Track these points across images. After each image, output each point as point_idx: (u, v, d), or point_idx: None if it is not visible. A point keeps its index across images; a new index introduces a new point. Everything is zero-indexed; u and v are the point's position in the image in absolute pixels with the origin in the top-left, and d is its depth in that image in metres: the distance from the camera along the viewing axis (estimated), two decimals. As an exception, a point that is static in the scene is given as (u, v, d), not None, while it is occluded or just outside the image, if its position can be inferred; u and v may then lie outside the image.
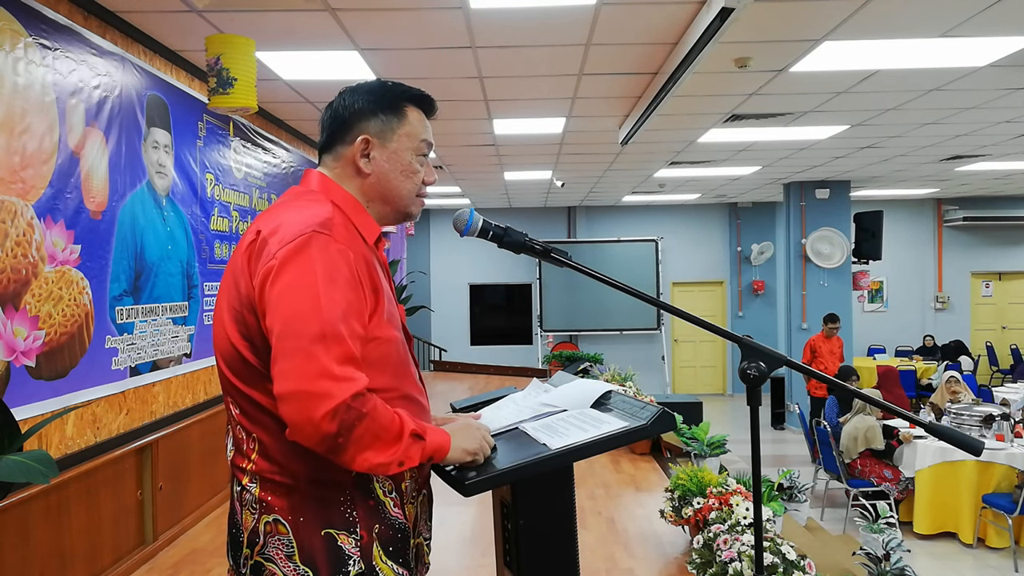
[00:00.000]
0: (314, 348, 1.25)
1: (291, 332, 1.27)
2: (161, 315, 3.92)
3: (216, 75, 3.61)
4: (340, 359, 1.26)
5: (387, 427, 1.29)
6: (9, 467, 2.13)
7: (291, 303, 1.28)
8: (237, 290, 1.37)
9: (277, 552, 1.33)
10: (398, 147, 1.49)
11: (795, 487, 3.35)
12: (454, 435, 1.39)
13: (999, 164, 8.89)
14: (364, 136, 1.47)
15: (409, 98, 1.52)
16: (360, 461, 1.27)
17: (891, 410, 1.38)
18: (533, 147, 7.40)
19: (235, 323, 1.37)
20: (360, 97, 1.49)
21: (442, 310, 13.14)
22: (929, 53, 4.46)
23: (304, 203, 1.42)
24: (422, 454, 1.33)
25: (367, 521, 1.36)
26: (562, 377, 1.81)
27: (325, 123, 1.52)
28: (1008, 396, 7.36)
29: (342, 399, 1.23)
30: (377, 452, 1.28)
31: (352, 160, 1.48)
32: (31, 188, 2.88)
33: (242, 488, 1.39)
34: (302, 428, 1.25)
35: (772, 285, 12.95)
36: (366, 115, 1.48)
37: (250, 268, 1.35)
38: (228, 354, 1.39)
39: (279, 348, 1.27)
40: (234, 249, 1.45)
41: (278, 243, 1.32)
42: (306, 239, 1.31)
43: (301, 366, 1.25)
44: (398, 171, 1.50)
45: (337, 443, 1.25)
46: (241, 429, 1.40)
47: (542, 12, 3.73)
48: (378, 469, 1.29)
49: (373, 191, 1.50)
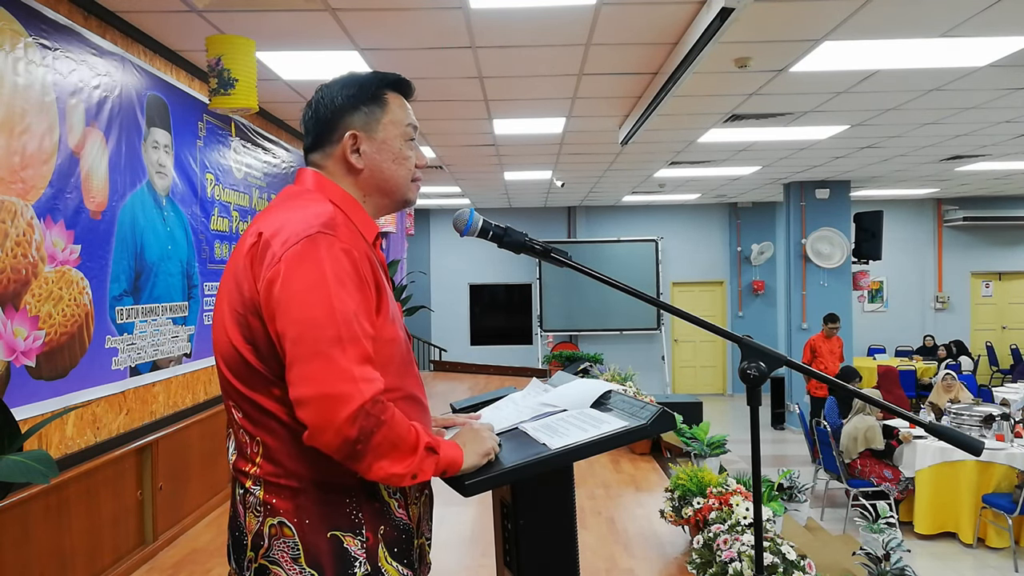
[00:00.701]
0: (332, 351, 1.24)
1: (307, 336, 1.25)
2: (161, 315, 3.92)
3: (217, 75, 3.61)
4: (358, 360, 1.26)
5: (404, 437, 1.28)
6: (9, 467, 2.13)
7: (304, 306, 1.27)
8: (240, 293, 1.35)
9: (282, 555, 1.32)
10: (386, 136, 1.48)
11: (795, 487, 3.35)
12: (465, 445, 1.39)
13: (999, 164, 8.89)
14: (351, 132, 1.46)
15: (387, 84, 1.50)
16: (376, 469, 1.27)
17: (891, 410, 1.38)
18: (533, 147, 7.40)
19: (238, 326, 1.35)
20: (338, 92, 1.47)
21: (442, 310, 13.15)
22: (929, 53, 4.46)
23: (303, 203, 1.40)
24: (435, 468, 1.33)
25: (373, 523, 1.35)
26: (562, 377, 1.81)
27: (309, 124, 1.50)
28: (1008, 396, 7.36)
29: (363, 400, 1.23)
30: (393, 462, 1.27)
31: (343, 157, 1.47)
32: (31, 188, 2.88)
33: (246, 491, 1.38)
34: (323, 432, 1.24)
35: (772, 285, 12.96)
36: (348, 110, 1.46)
37: (253, 271, 1.33)
38: (230, 357, 1.37)
39: (295, 353, 1.26)
40: (233, 250, 1.43)
41: (282, 245, 1.30)
42: (311, 240, 1.30)
43: (321, 370, 1.24)
44: (390, 160, 1.49)
45: (356, 449, 1.24)
46: (244, 433, 1.39)
47: (542, 12, 3.73)
48: (392, 479, 1.29)
49: (369, 185, 1.49)
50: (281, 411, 1.33)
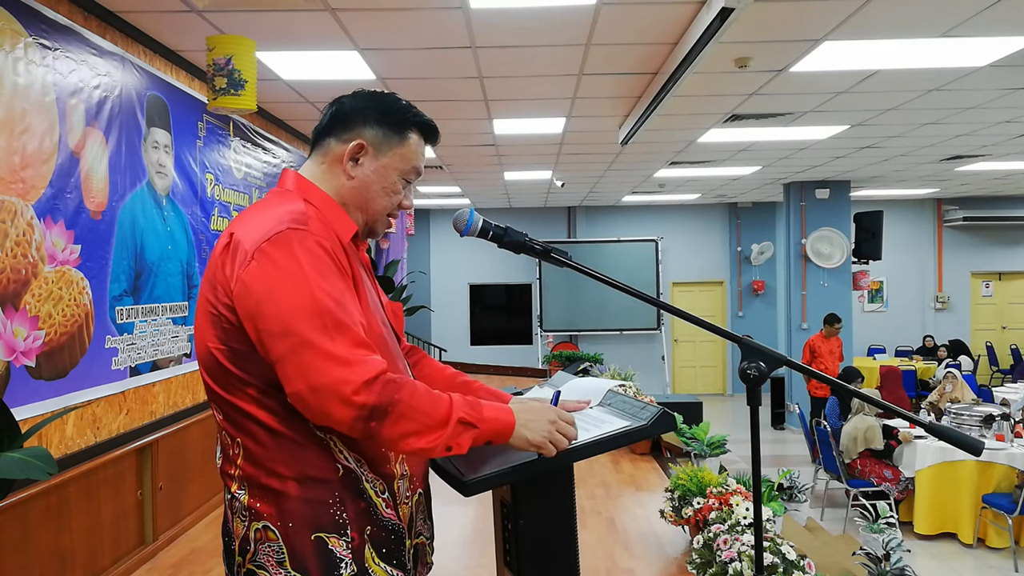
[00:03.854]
0: (320, 340, 1.23)
1: (292, 329, 1.24)
2: (161, 315, 3.92)
3: (227, 76, 3.60)
4: (350, 345, 1.25)
5: (429, 411, 1.27)
6: (8, 464, 2.13)
7: (284, 300, 1.26)
8: (214, 295, 1.34)
9: (268, 559, 1.32)
10: (388, 164, 1.48)
11: (795, 487, 3.35)
12: (519, 418, 1.34)
13: (999, 164, 8.89)
14: (360, 141, 1.46)
15: (417, 124, 1.50)
16: (403, 445, 1.26)
17: (891, 410, 1.38)
18: (533, 147, 7.40)
19: (212, 328, 1.35)
20: (370, 103, 1.48)
21: (442, 310, 13.14)
22: (929, 53, 4.45)
23: (277, 203, 1.40)
24: (474, 441, 1.30)
25: (358, 523, 1.34)
26: (561, 377, 1.81)
27: (326, 116, 1.50)
28: (1008, 396, 7.36)
29: (362, 381, 1.22)
30: (419, 437, 1.26)
31: (340, 159, 1.47)
32: (31, 188, 2.88)
33: (232, 496, 1.38)
34: (329, 419, 1.24)
35: (772, 285, 12.95)
36: (369, 122, 1.46)
37: (226, 271, 1.32)
38: (206, 360, 1.37)
39: (282, 348, 1.25)
40: (211, 254, 1.43)
41: (253, 243, 1.30)
42: (282, 236, 1.29)
43: (311, 360, 1.23)
44: (380, 186, 1.48)
45: (370, 428, 1.23)
46: (226, 435, 1.38)
47: (542, 12, 3.73)
48: (422, 453, 1.30)
49: (350, 196, 1.47)
50: (258, 411, 1.33)
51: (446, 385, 1.61)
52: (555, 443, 1.35)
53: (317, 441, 1.33)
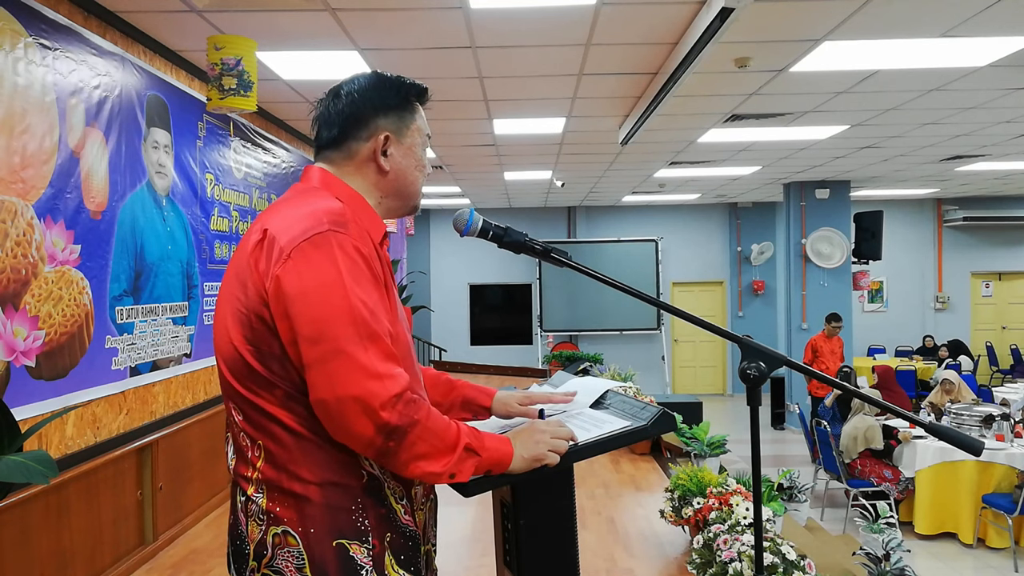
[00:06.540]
0: (354, 349, 1.22)
1: (326, 335, 1.23)
2: (161, 315, 3.92)
3: (238, 76, 3.59)
4: (381, 357, 1.24)
5: (440, 435, 1.26)
6: (9, 467, 2.12)
7: (320, 305, 1.24)
8: (244, 292, 1.31)
9: (287, 564, 1.29)
10: (412, 142, 1.49)
11: (795, 487, 3.34)
12: (515, 443, 1.35)
13: (999, 164, 8.89)
14: (385, 133, 1.45)
15: (416, 93, 1.51)
16: (413, 468, 1.25)
17: (891, 410, 1.37)
18: (533, 147, 7.40)
19: (240, 326, 1.32)
20: (373, 91, 1.45)
21: (442, 310, 13.14)
22: (929, 53, 4.46)
23: (310, 199, 1.37)
24: (475, 470, 1.30)
25: (379, 530, 1.32)
26: (561, 377, 1.81)
27: (334, 119, 1.45)
28: (1008, 396, 7.36)
29: (389, 397, 1.21)
30: (430, 461, 1.25)
31: (370, 157, 1.45)
32: (31, 188, 2.88)
33: (247, 499, 1.34)
34: (351, 433, 1.22)
35: (772, 285, 12.96)
36: (383, 110, 1.45)
37: (259, 268, 1.29)
38: (231, 358, 1.34)
39: (314, 353, 1.23)
40: (236, 249, 1.40)
41: (290, 241, 1.27)
42: (323, 237, 1.27)
43: (343, 369, 1.21)
44: (413, 166, 1.49)
45: (388, 447, 1.23)
46: (245, 436, 1.35)
47: (542, 12, 3.73)
48: (428, 478, 1.28)
49: (390, 187, 1.47)
50: (283, 414, 1.30)
51: (430, 384, 1.62)
52: (555, 449, 1.36)
53: (342, 446, 1.30)
